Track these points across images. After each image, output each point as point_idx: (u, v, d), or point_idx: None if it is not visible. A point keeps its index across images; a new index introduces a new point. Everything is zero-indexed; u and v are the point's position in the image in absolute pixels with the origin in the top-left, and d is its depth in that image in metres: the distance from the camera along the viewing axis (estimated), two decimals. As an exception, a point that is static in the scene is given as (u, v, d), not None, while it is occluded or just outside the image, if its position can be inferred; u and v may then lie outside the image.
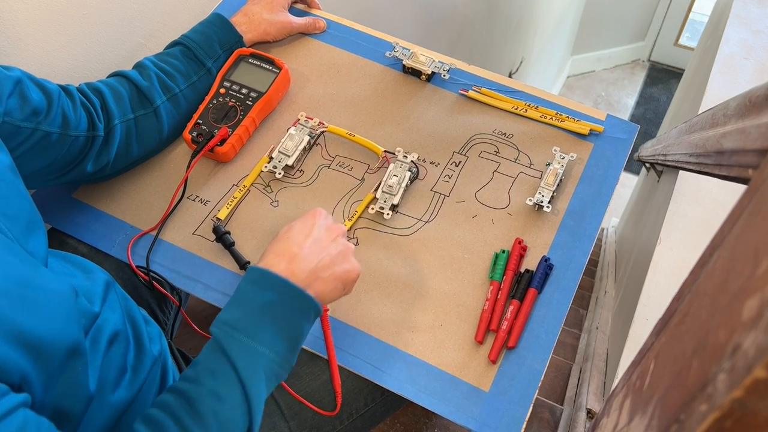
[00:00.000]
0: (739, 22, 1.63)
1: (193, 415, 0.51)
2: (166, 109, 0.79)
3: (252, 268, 0.59)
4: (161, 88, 0.78)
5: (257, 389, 0.54)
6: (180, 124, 0.83)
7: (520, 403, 0.65)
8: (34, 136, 0.63)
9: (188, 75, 0.81)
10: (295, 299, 0.57)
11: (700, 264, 0.36)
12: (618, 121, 0.86)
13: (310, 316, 0.58)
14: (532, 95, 0.89)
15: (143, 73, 0.78)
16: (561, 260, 0.75)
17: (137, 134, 0.77)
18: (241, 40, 0.87)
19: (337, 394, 0.68)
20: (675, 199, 1.26)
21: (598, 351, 1.35)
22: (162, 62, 0.80)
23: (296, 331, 0.57)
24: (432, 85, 0.91)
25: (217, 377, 0.53)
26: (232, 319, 0.55)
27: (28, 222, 0.54)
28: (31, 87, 0.64)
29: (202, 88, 0.84)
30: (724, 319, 0.25)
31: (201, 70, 0.83)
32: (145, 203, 0.81)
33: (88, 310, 0.55)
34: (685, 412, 0.25)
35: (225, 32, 0.85)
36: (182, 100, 0.81)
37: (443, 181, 0.82)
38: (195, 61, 0.82)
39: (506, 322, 0.69)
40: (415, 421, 1.08)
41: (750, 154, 0.55)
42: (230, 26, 0.86)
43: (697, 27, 4.04)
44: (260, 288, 0.57)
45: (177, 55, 0.82)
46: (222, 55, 0.85)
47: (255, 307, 0.56)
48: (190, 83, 0.81)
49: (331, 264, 0.60)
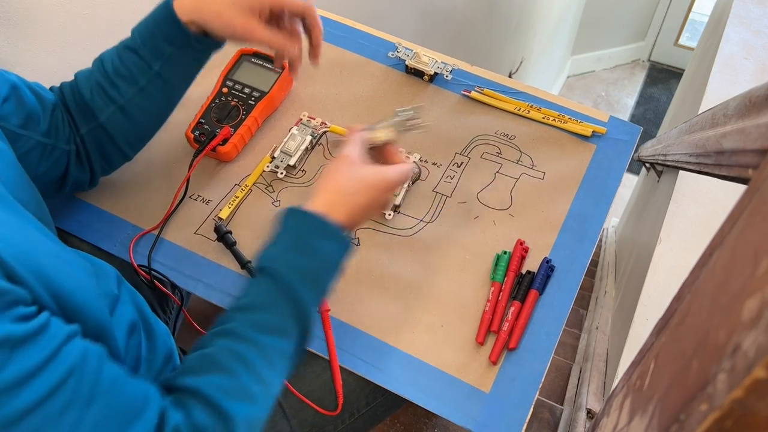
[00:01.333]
0: (739, 22, 1.63)
1: (266, 363, 0.51)
2: (113, 122, 0.69)
3: (313, 215, 0.58)
4: (103, 99, 0.67)
5: (312, 329, 0.56)
6: (141, 134, 0.73)
7: (520, 404, 0.65)
8: (27, 144, 0.62)
9: (134, 80, 0.67)
10: (347, 248, 0.59)
11: (700, 264, 0.36)
12: (620, 123, 0.86)
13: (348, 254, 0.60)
14: (534, 96, 0.89)
15: (89, 80, 0.68)
16: (562, 262, 0.75)
17: (95, 148, 0.71)
18: (192, 36, 0.66)
19: (338, 394, 0.68)
20: (675, 199, 1.26)
21: (598, 351, 1.35)
22: (110, 63, 0.68)
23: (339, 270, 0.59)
24: (434, 85, 0.91)
25: (288, 327, 0.53)
26: (298, 264, 0.55)
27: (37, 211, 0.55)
28: (28, 94, 0.63)
29: (156, 92, 0.69)
30: (724, 319, 0.25)
31: (148, 73, 0.67)
32: (147, 202, 0.81)
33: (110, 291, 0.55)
34: (685, 412, 0.25)
35: (170, 25, 0.65)
36: (133, 109, 0.68)
37: (445, 181, 0.82)
38: (141, 61, 0.67)
39: (507, 323, 0.69)
40: (415, 421, 1.08)
41: (750, 154, 0.55)
42: (174, 16, 0.65)
43: (697, 27, 4.04)
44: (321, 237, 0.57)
45: (121, 53, 0.68)
46: (174, 53, 0.67)
47: (316, 256, 0.56)
48: (137, 89, 0.67)
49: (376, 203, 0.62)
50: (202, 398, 0.47)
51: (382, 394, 0.73)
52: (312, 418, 0.70)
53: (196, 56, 0.69)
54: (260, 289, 0.54)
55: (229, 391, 0.48)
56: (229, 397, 0.47)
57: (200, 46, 0.68)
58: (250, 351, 0.50)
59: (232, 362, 0.49)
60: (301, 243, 0.56)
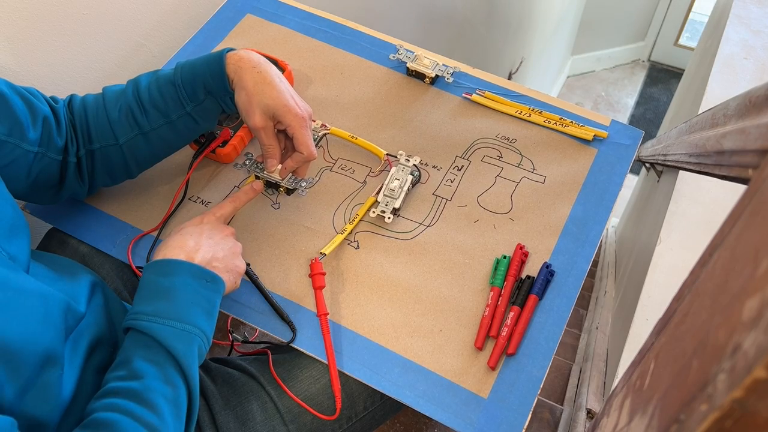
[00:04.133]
0: (739, 22, 1.63)
1: (146, 407, 0.51)
2: (132, 145, 0.71)
3: (153, 261, 0.62)
4: (130, 123, 0.70)
5: (194, 371, 0.56)
6: (153, 160, 0.76)
7: (518, 410, 0.65)
8: (14, 151, 0.62)
9: (166, 113, 0.70)
10: (204, 277, 0.61)
11: (700, 264, 0.36)
12: (622, 127, 0.86)
13: (220, 289, 0.63)
14: (536, 99, 0.89)
15: (118, 101, 0.70)
16: (562, 266, 0.74)
17: (103, 165, 0.72)
18: (231, 95, 0.71)
19: (337, 399, 0.68)
20: (675, 199, 1.26)
21: (598, 351, 1.35)
22: (146, 91, 0.70)
23: (212, 306, 0.61)
24: (435, 88, 0.91)
25: (158, 366, 0.54)
26: (153, 310, 0.57)
27: (11, 226, 0.55)
28: (17, 102, 0.62)
29: (183, 128, 0.72)
30: (724, 319, 0.25)
31: (180, 111, 0.70)
32: (146, 204, 0.81)
33: (74, 309, 0.55)
34: (685, 412, 0.25)
35: (215, 80, 0.69)
36: (155, 138, 0.72)
37: (445, 185, 0.82)
38: (177, 99, 0.70)
39: (506, 328, 0.69)
40: (415, 422, 1.08)
41: (750, 154, 0.55)
42: (224, 71, 0.69)
43: (697, 27, 4.04)
44: (169, 275, 0.59)
45: (161, 85, 0.70)
46: (206, 101, 0.71)
47: (171, 293, 0.58)
48: (166, 121, 0.71)
49: (224, 257, 0.65)
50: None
51: (380, 397, 0.73)
52: (310, 423, 0.70)
53: (224, 107, 0.73)
54: (129, 345, 0.56)
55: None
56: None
57: (231, 104, 0.72)
58: (128, 402, 0.51)
59: (113, 416, 0.49)
60: (152, 289, 0.59)
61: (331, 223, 0.79)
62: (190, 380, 0.56)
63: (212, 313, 0.61)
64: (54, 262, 0.64)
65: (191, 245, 0.63)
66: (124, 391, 0.52)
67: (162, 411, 0.52)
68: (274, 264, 0.76)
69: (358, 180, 0.83)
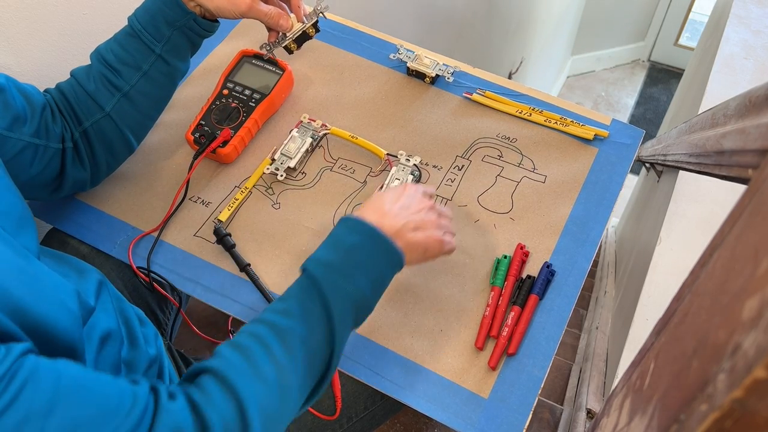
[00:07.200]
0: (739, 22, 1.63)
1: (283, 346, 0.51)
2: (119, 111, 0.72)
3: (347, 216, 0.62)
4: (108, 89, 0.71)
5: (343, 331, 0.56)
6: (144, 122, 0.76)
7: (519, 410, 0.65)
8: (16, 145, 0.62)
9: (137, 65, 0.71)
10: (383, 246, 0.60)
11: (700, 264, 0.36)
12: (623, 126, 0.86)
13: (395, 264, 0.61)
14: (536, 99, 0.89)
15: (89, 73, 0.71)
16: (563, 266, 0.74)
17: (100, 141, 0.72)
18: (192, 15, 0.71)
19: (337, 399, 0.68)
20: (675, 199, 1.26)
21: (598, 351, 1.35)
22: (110, 52, 0.71)
23: (382, 278, 0.60)
24: (436, 87, 0.91)
25: (309, 313, 0.54)
26: (328, 259, 0.57)
27: (20, 218, 0.55)
28: (16, 95, 0.63)
29: (159, 76, 0.73)
30: (724, 319, 0.25)
31: (150, 57, 0.71)
32: (146, 204, 0.81)
33: (85, 302, 0.55)
34: (685, 412, 0.25)
35: (171, 8, 0.70)
36: (137, 96, 0.72)
37: (446, 184, 0.82)
38: (143, 46, 0.71)
39: (507, 328, 0.69)
40: (415, 422, 1.08)
41: (750, 154, 0.55)
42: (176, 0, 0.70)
43: (697, 27, 4.04)
44: (354, 233, 0.59)
45: (122, 41, 0.71)
46: (173, 36, 0.71)
47: (348, 250, 0.58)
48: (141, 74, 0.71)
49: (416, 228, 0.63)
50: (215, 374, 0.48)
51: (380, 397, 0.73)
52: (311, 423, 0.70)
53: (191, 39, 0.73)
54: (295, 284, 0.57)
55: (239, 367, 0.49)
56: (238, 372, 0.48)
57: (197, 29, 0.72)
58: (269, 333, 0.52)
59: (248, 341, 0.51)
60: (333, 241, 0.60)
61: (331, 223, 0.79)
62: (336, 341, 0.55)
63: (380, 284, 0.60)
64: (60, 258, 0.64)
65: (385, 209, 0.64)
66: (273, 324, 0.53)
67: (296, 357, 0.52)
68: (274, 264, 0.76)
69: (359, 180, 0.83)
